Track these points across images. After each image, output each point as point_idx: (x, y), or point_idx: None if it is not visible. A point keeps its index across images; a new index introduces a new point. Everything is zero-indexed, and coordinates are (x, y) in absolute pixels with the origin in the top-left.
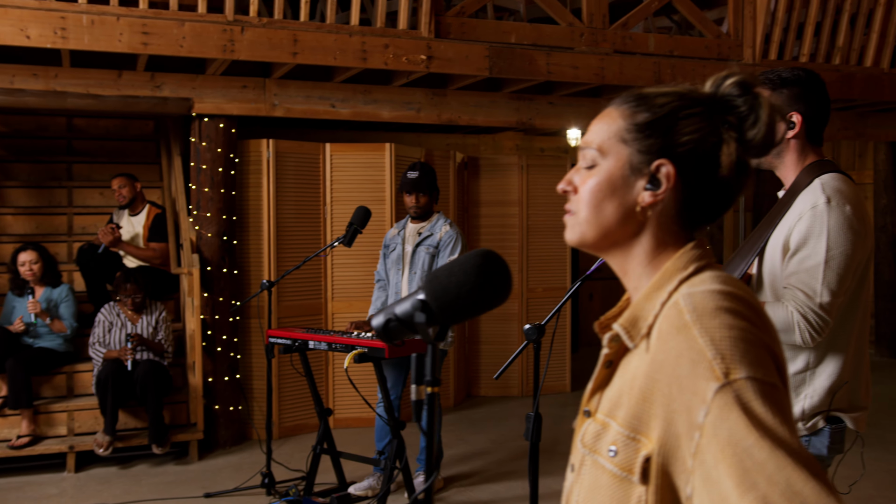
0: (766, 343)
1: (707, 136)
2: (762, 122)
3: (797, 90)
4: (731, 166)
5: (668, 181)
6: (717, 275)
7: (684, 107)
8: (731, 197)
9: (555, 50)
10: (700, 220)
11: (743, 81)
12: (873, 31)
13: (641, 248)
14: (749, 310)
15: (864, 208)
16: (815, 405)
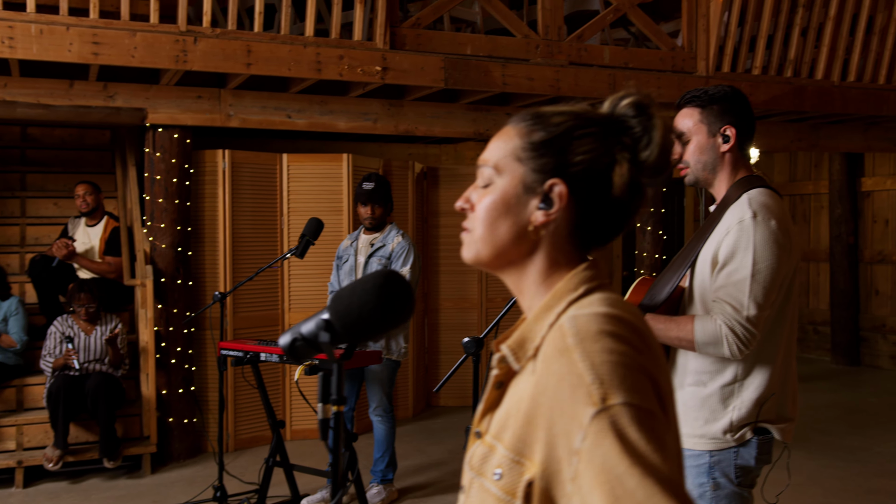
0: (647, 369)
1: (600, 156)
2: (655, 144)
3: (725, 105)
4: (624, 187)
5: (560, 201)
6: (605, 297)
7: (579, 126)
8: (625, 218)
9: (510, 61)
10: (595, 240)
11: (638, 102)
12: (823, 44)
13: (535, 267)
14: (633, 334)
15: (790, 223)
16: (742, 417)
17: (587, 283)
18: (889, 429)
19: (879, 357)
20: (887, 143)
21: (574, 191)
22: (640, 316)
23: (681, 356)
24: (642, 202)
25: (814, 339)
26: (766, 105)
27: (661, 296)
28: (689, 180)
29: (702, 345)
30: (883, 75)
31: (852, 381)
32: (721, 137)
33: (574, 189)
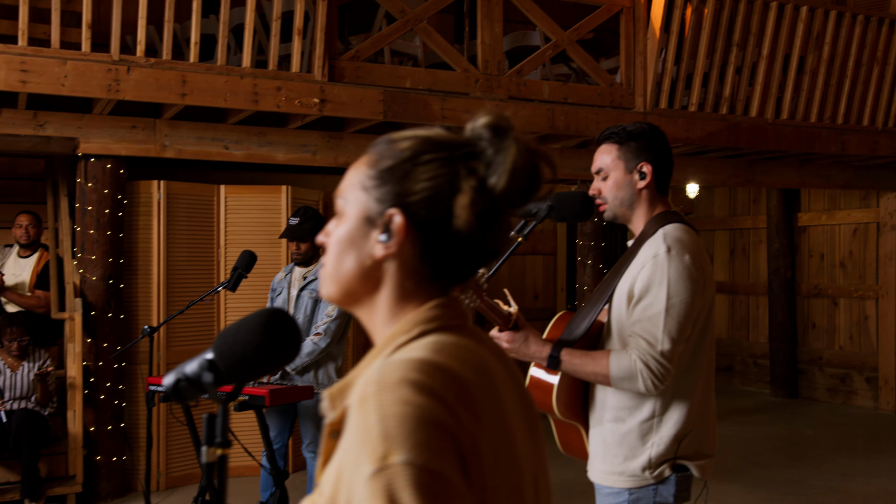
0: (449, 426)
1: (444, 183)
2: (503, 170)
3: (643, 142)
4: (469, 219)
5: (398, 233)
6: (438, 341)
7: (424, 151)
8: (479, 252)
9: (450, 95)
10: (450, 275)
11: (493, 124)
12: (757, 82)
13: (382, 305)
14: (446, 385)
15: (705, 258)
16: (661, 453)
17: (425, 324)
18: (825, 461)
19: (816, 389)
20: (820, 180)
21: (415, 222)
22: (477, 366)
23: (599, 392)
24: (500, 235)
25: (753, 371)
26: (702, 141)
27: (578, 331)
28: (607, 216)
29: (617, 380)
30: (814, 114)
31: (790, 414)
32: (638, 174)
33: (414, 220)
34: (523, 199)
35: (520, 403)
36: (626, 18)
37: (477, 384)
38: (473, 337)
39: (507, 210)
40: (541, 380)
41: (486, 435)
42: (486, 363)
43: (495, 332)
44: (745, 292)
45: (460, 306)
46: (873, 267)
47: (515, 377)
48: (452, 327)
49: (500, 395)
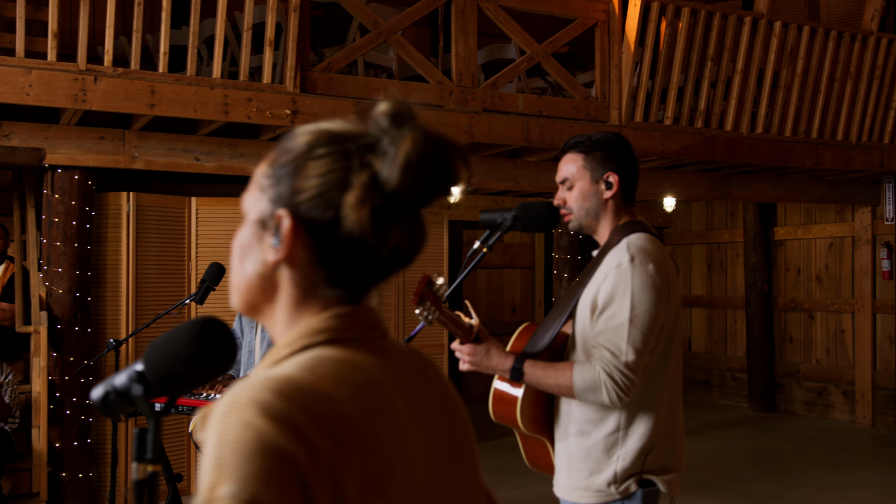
0: (293, 454)
1: (334, 180)
2: (396, 163)
3: (609, 152)
4: (360, 219)
5: (287, 237)
6: (316, 356)
7: (319, 145)
8: (379, 256)
9: (423, 107)
10: (350, 282)
11: (392, 111)
12: (732, 96)
13: (280, 315)
14: (304, 408)
15: (670, 268)
16: (627, 467)
17: (312, 336)
18: (801, 475)
19: (794, 403)
20: (795, 194)
21: (305, 224)
22: (359, 386)
23: (564, 404)
24: (410, 237)
25: (731, 385)
26: (677, 154)
27: (542, 342)
28: (572, 226)
29: (581, 392)
30: (789, 128)
31: (768, 428)
32: (604, 184)
33: (304, 222)
34: (426, 195)
35: (434, 427)
36: (601, 32)
37: (352, 407)
38: (374, 352)
39: (411, 209)
40: (505, 393)
41: (355, 464)
42: (374, 383)
43: (456, 344)
44: (723, 306)
45: (367, 317)
46: (849, 281)
47: (438, 398)
48: (345, 340)
49: (391, 422)
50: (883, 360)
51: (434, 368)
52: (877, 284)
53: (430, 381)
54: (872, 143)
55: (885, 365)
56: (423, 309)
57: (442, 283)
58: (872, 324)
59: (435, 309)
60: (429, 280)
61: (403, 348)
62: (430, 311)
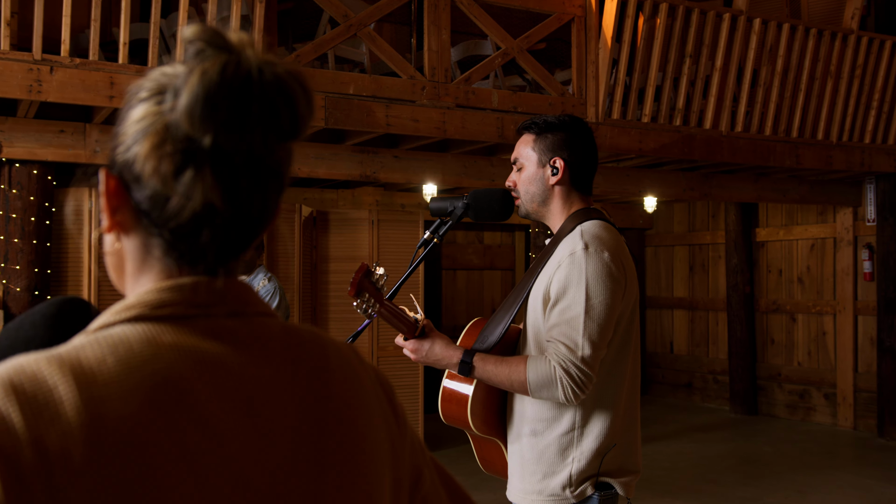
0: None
1: (139, 130)
2: (181, 104)
3: (562, 136)
4: (153, 172)
5: (106, 201)
6: (112, 335)
7: (139, 90)
8: (185, 216)
9: (395, 102)
10: (179, 250)
11: (198, 39)
12: (711, 94)
13: (128, 289)
14: (48, 390)
15: (626, 256)
16: (582, 469)
17: (122, 311)
18: (781, 479)
19: (776, 406)
20: (776, 194)
21: (124, 184)
22: (151, 377)
23: (518, 403)
24: (207, 195)
25: (713, 388)
26: (655, 153)
27: (493, 337)
28: (520, 212)
29: (535, 388)
30: (769, 127)
31: (749, 431)
32: (550, 169)
33: (123, 181)
34: (238, 141)
35: (288, 433)
36: (578, 28)
37: (118, 408)
38: (204, 335)
39: (228, 159)
40: (454, 391)
41: (84, 468)
42: (175, 376)
43: (399, 340)
44: (705, 308)
45: (211, 291)
46: (831, 282)
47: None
48: (162, 318)
49: (182, 427)
50: (864, 362)
51: (321, 356)
52: (858, 286)
53: (300, 373)
54: (853, 143)
55: (866, 367)
56: (362, 301)
57: (382, 274)
58: (854, 326)
59: (375, 301)
60: (367, 269)
61: (271, 332)
62: (370, 303)
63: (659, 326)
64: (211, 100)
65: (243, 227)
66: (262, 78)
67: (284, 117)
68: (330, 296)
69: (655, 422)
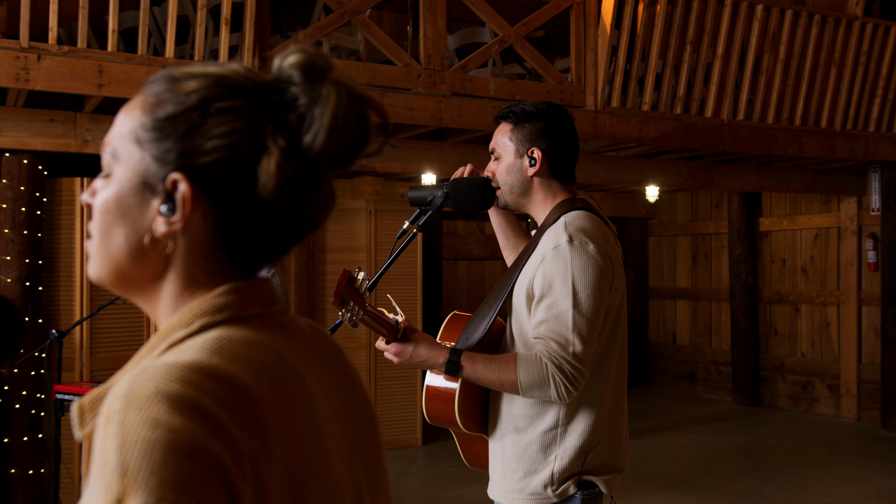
0: (215, 454)
1: (243, 140)
2: (322, 125)
3: (539, 125)
4: (277, 186)
5: (184, 205)
6: (220, 337)
7: (219, 97)
8: (291, 226)
9: (389, 90)
10: (254, 256)
11: (307, 63)
12: (712, 82)
13: (168, 293)
14: (221, 398)
15: (612, 247)
16: (565, 467)
17: (210, 314)
18: (781, 471)
19: (779, 397)
20: (779, 183)
21: (206, 190)
22: (274, 371)
23: (505, 401)
24: (319, 203)
25: (716, 379)
26: (655, 141)
27: (477, 334)
28: (500, 203)
29: (526, 387)
30: (771, 115)
31: (752, 422)
32: (528, 159)
33: (205, 188)
34: (349, 158)
35: (345, 413)
36: (577, 14)
37: (269, 395)
38: (282, 331)
39: (327, 173)
40: (439, 388)
41: (279, 460)
42: (288, 366)
43: (381, 343)
44: (708, 298)
45: (265, 291)
46: (834, 272)
47: (345, 381)
48: (248, 318)
49: (308, 409)
50: (868, 353)
51: (336, 347)
52: (862, 276)
53: (336, 362)
54: (857, 131)
55: (870, 358)
56: (347, 310)
57: (363, 279)
58: (858, 316)
59: (359, 309)
60: (350, 276)
61: (304, 325)
62: (354, 311)
63: (661, 317)
64: (346, 124)
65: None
66: (367, 101)
67: (371, 134)
68: (327, 286)
69: (657, 413)
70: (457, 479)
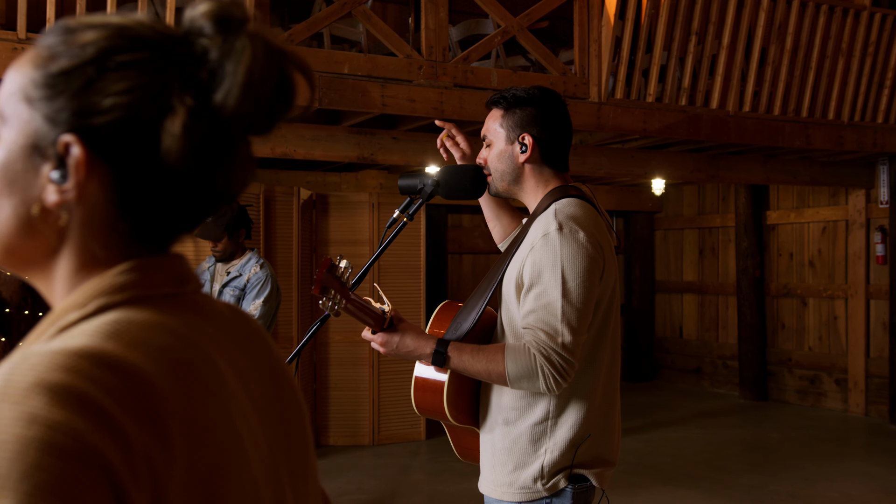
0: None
1: (146, 99)
2: (235, 82)
3: (530, 111)
4: (183, 150)
5: (78, 171)
6: (118, 320)
7: (120, 50)
8: (203, 195)
9: (391, 82)
10: (162, 228)
11: (219, 14)
12: (717, 74)
13: (64, 271)
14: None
15: (604, 235)
16: (555, 461)
17: (109, 294)
18: (787, 466)
19: (786, 391)
20: (786, 176)
21: (103, 154)
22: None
23: (495, 393)
24: (235, 172)
25: (723, 373)
26: (660, 133)
27: (466, 324)
28: (491, 191)
29: (514, 379)
30: (777, 106)
31: (758, 417)
32: (519, 146)
33: (102, 152)
34: (267, 121)
35: (265, 402)
36: (580, 5)
37: (171, 385)
38: (194, 313)
39: (243, 137)
40: (428, 380)
41: (181, 458)
42: (197, 352)
43: (367, 333)
44: (715, 292)
45: (177, 268)
46: (842, 266)
47: (266, 367)
48: (154, 299)
49: (220, 399)
50: (876, 347)
51: (259, 330)
52: (871, 269)
53: (259, 349)
54: (865, 123)
55: (878, 352)
56: (328, 299)
57: (346, 267)
58: (866, 310)
59: (341, 298)
60: (330, 264)
61: (222, 307)
62: (336, 300)
63: (668, 311)
64: (263, 82)
65: (224, 203)
66: (288, 57)
67: (296, 94)
68: None
69: (663, 407)
70: (459, 473)
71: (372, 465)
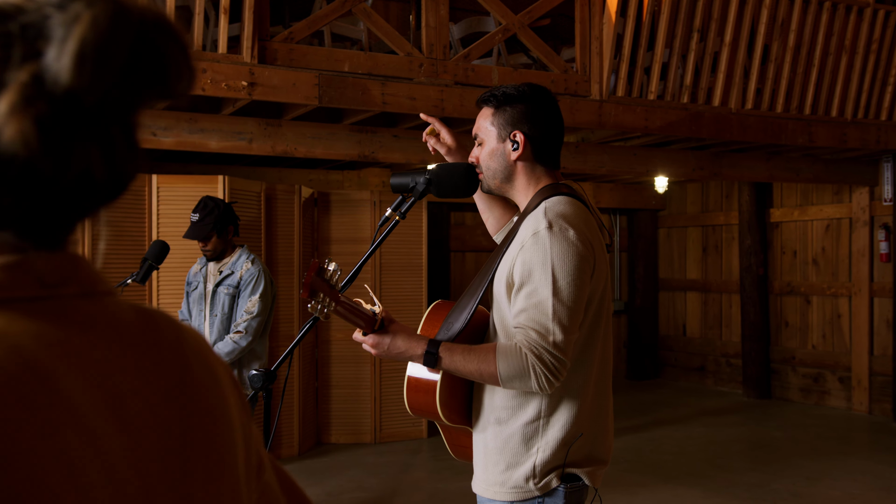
0: None
1: None
2: (68, 52)
3: (521, 108)
4: (18, 134)
5: None
6: None
7: None
8: (62, 187)
9: (391, 80)
10: (26, 222)
11: None
12: (720, 71)
13: None
14: None
15: (594, 233)
16: (547, 460)
17: None
18: (789, 464)
19: (789, 390)
20: (789, 174)
21: None
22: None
23: (487, 392)
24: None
25: (726, 371)
26: (661, 131)
27: (458, 324)
28: (483, 188)
29: (506, 378)
30: (780, 104)
31: (761, 415)
32: (510, 143)
33: None
34: (126, 98)
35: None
36: (582, 2)
37: None
38: (58, 320)
39: (105, 118)
40: (420, 379)
41: None
42: (24, 367)
43: (358, 335)
44: (718, 290)
45: (52, 268)
46: (846, 264)
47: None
48: (5, 303)
49: (49, 419)
50: (880, 345)
51: (177, 342)
52: (874, 267)
53: (165, 360)
54: (868, 120)
55: (882, 350)
56: (317, 302)
57: (335, 269)
58: (870, 308)
59: (330, 301)
60: (319, 267)
61: (125, 314)
62: (325, 303)
63: (672, 309)
64: (104, 50)
65: (106, 195)
66: (152, 23)
67: (173, 68)
68: None
69: (666, 405)
70: (460, 471)
71: (373, 463)
